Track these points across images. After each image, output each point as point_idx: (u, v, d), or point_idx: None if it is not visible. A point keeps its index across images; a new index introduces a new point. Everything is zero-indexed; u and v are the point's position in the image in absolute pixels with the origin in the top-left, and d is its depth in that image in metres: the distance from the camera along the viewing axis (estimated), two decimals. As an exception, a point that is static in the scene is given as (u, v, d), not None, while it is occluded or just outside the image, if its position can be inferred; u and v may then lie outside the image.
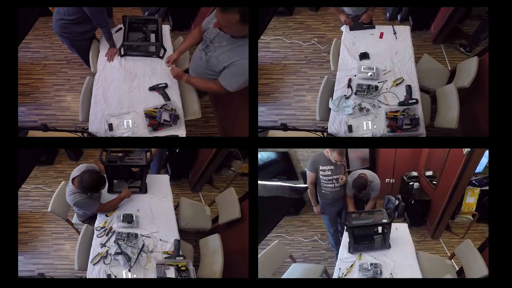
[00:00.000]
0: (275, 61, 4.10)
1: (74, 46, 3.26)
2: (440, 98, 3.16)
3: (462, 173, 3.40)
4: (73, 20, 3.00)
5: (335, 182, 3.24)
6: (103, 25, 3.02)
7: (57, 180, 4.20)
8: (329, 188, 3.27)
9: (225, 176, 4.36)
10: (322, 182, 3.25)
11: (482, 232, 4.09)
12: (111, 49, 3.11)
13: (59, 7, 3.03)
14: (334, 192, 3.30)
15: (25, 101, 3.67)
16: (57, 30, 3.11)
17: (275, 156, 4.75)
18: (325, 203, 3.40)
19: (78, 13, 2.94)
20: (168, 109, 2.79)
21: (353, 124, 2.80)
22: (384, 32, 3.28)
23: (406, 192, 4.38)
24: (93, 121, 2.77)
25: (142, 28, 3.16)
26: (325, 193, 3.31)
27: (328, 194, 3.31)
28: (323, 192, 3.32)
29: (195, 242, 3.18)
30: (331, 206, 3.40)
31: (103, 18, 2.98)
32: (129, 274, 2.47)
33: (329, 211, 3.46)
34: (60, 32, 3.12)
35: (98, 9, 2.90)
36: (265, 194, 4.21)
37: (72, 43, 3.22)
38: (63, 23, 3.04)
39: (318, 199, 3.42)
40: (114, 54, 3.09)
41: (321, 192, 3.34)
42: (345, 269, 2.72)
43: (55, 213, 3.04)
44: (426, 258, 2.99)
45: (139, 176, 3.03)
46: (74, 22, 3.02)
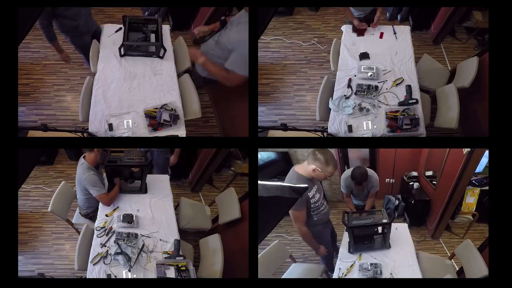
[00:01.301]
0: (275, 61, 4.10)
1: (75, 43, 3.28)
2: (440, 98, 3.16)
3: (462, 173, 3.40)
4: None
5: (323, 201, 2.78)
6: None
7: (57, 180, 4.20)
8: (321, 212, 2.77)
9: (225, 176, 4.36)
10: (313, 209, 2.69)
11: (482, 232, 4.10)
12: (64, 55, 3.38)
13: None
14: (326, 213, 2.87)
15: (25, 101, 3.67)
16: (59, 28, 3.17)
17: (275, 156, 4.75)
18: (318, 231, 2.86)
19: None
20: (168, 109, 2.79)
21: (353, 124, 2.80)
22: (384, 32, 3.28)
23: (406, 192, 4.38)
24: (93, 121, 2.77)
25: (142, 28, 3.16)
26: (317, 219, 2.78)
27: (321, 219, 2.81)
28: (315, 220, 2.77)
29: (195, 242, 3.18)
30: (325, 229, 2.96)
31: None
32: (129, 274, 2.47)
33: (325, 235, 2.98)
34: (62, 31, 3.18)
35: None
36: (265, 194, 4.19)
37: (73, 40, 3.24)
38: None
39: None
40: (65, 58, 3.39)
41: (313, 221, 2.76)
42: (345, 269, 2.72)
43: (55, 213, 3.05)
44: (426, 258, 2.99)
45: (139, 176, 3.03)
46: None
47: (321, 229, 2.89)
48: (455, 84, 3.14)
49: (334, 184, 4.78)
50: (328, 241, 3.06)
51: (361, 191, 3.41)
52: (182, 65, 3.24)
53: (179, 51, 3.30)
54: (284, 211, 2.00)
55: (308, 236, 2.75)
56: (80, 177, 2.91)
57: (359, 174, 3.15)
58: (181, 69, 3.22)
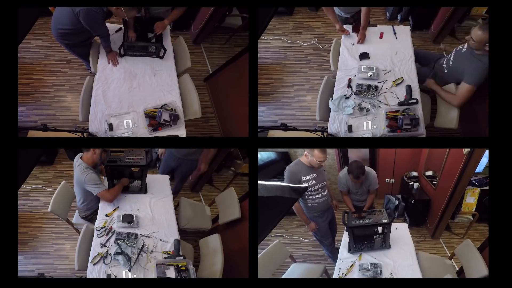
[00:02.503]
0: (275, 61, 4.10)
1: (75, 51, 3.26)
2: (440, 98, 3.16)
3: (462, 173, 3.40)
4: (72, 29, 2.94)
5: (322, 191, 3.08)
6: (103, 35, 2.98)
7: (57, 180, 4.20)
8: (316, 200, 3.10)
9: (225, 176, 4.36)
10: (307, 194, 3.03)
11: (482, 232, 4.10)
12: (110, 54, 3.08)
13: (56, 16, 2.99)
14: (322, 203, 3.14)
15: (25, 101, 3.67)
16: (56, 36, 3.08)
17: (275, 156, 4.75)
18: (313, 217, 3.19)
19: (76, 24, 2.86)
20: (168, 109, 2.80)
21: (353, 124, 2.80)
22: (384, 32, 3.28)
23: (406, 192, 4.38)
24: (93, 121, 2.77)
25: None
26: (312, 206, 3.12)
27: (316, 207, 3.13)
28: (310, 206, 3.12)
29: (195, 242, 3.18)
30: (320, 218, 3.22)
31: (102, 29, 2.94)
32: (129, 274, 2.47)
33: (320, 225, 3.26)
34: (59, 39, 3.09)
35: (95, 21, 2.82)
36: (265, 194, 4.20)
37: (73, 48, 3.22)
38: (61, 32, 3.01)
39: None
40: (115, 57, 3.08)
41: (307, 206, 3.13)
42: (345, 269, 2.72)
43: (55, 213, 3.04)
44: (426, 258, 3.00)
45: (139, 176, 3.03)
46: (73, 32, 2.97)
47: (316, 217, 3.19)
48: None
49: (334, 184, 4.78)
50: (324, 230, 3.30)
51: (359, 187, 3.41)
52: (182, 65, 3.24)
53: (179, 51, 3.30)
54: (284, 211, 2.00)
55: (299, 210, 3.12)
56: (79, 177, 2.89)
57: (355, 167, 3.16)
58: (181, 69, 3.22)
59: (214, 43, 4.26)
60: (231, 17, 4.15)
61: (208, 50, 4.22)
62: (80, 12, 2.74)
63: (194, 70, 3.71)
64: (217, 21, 4.01)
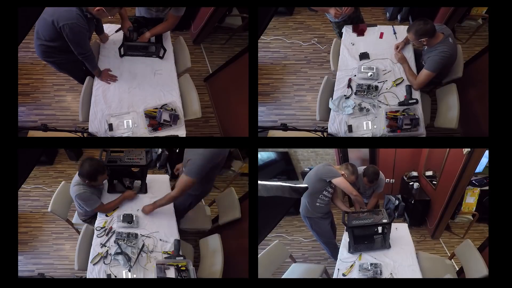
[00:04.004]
0: (275, 61, 4.10)
1: (64, 68, 2.96)
2: (440, 98, 3.16)
3: (462, 173, 3.40)
4: (55, 47, 2.63)
5: (331, 190, 3.25)
6: (87, 54, 2.64)
7: (57, 180, 4.20)
8: (325, 201, 3.26)
9: (225, 176, 4.36)
10: (323, 194, 3.21)
11: (482, 232, 4.10)
12: (103, 74, 2.88)
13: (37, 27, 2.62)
14: (328, 205, 3.31)
15: (25, 101, 3.67)
16: (40, 55, 2.74)
17: (275, 156, 4.76)
18: (317, 217, 3.34)
19: (59, 39, 2.54)
20: (168, 109, 2.80)
21: (353, 124, 2.80)
22: (384, 32, 3.28)
23: (406, 192, 4.38)
24: (93, 121, 2.77)
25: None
26: (319, 206, 3.27)
27: (323, 208, 3.29)
28: (318, 205, 3.27)
29: (195, 242, 3.18)
30: (323, 219, 3.36)
31: (86, 45, 2.61)
32: (129, 274, 2.47)
33: (323, 225, 3.40)
34: (43, 58, 2.77)
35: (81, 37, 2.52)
36: (265, 194, 4.19)
37: (60, 66, 2.89)
38: (44, 49, 2.67)
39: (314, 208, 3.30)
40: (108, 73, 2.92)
41: (314, 206, 3.27)
42: (345, 269, 2.72)
43: (55, 213, 3.04)
44: (426, 258, 3.00)
45: (139, 176, 3.03)
46: (57, 50, 2.65)
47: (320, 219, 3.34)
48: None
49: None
50: (327, 231, 3.42)
51: (367, 189, 3.43)
52: (182, 65, 3.24)
53: (179, 51, 3.30)
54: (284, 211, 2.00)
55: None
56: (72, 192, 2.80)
57: (372, 172, 3.23)
58: (181, 69, 3.22)
59: (214, 43, 4.26)
60: (231, 17, 4.15)
61: (208, 50, 4.22)
62: (64, 27, 2.46)
63: (194, 70, 3.71)
64: (217, 21, 4.01)
